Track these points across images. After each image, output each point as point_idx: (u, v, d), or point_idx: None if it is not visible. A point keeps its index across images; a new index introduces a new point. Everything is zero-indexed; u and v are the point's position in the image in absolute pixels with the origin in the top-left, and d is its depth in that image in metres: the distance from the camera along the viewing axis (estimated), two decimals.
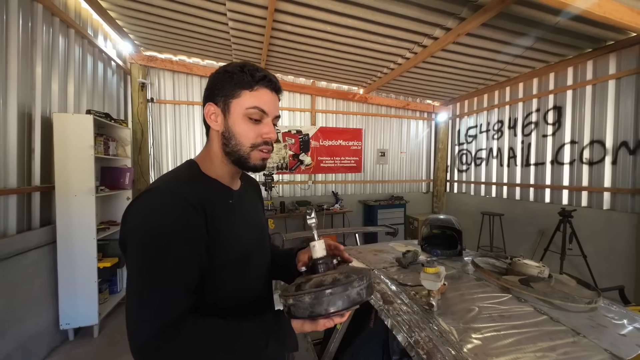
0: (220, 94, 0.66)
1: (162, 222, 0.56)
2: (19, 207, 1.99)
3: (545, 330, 0.81)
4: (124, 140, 3.03)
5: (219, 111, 0.67)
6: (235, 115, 0.65)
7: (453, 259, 1.48)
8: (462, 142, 5.35)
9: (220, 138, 0.68)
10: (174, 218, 0.57)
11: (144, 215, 0.57)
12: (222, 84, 0.66)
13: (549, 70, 3.69)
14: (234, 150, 0.67)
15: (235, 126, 0.66)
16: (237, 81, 0.65)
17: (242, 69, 0.65)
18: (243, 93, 0.65)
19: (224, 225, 0.65)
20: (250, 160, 0.67)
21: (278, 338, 0.59)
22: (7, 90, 1.93)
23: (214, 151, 0.69)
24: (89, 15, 2.90)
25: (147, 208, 0.58)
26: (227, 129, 0.66)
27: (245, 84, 0.65)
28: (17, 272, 1.91)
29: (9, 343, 1.84)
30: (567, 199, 3.60)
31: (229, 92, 0.65)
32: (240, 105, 0.65)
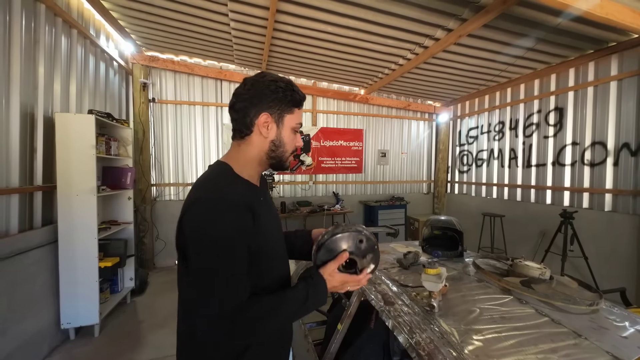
0: (275, 106, 0.75)
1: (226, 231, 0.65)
2: (21, 206, 2.00)
3: (546, 332, 0.81)
4: (126, 140, 3.03)
5: (272, 121, 0.75)
6: (286, 128, 0.77)
7: (454, 260, 1.48)
8: (463, 143, 5.34)
9: (268, 144, 0.77)
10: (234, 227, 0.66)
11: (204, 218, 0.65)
12: (277, 98, 0.74)
13: (550, 72, 3.68)
14: (279, 155, 0.78)
15: (285, 136, 0.78)
16: (292, 99, 0.76)
17: (293, 89, 0.76)
18: (295, 111, 0.78)
19: (262, 220, 0.74)
20: (287, 163, 0.81)
21: (314, 289, 0.74)
22: (9, 90, 1.93)
23: (251, 154, 0.77)
24: (91, 16, 2.91)
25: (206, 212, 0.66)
26: (278, 138, 0.77)
27: (298, 103, 0.78)
28: (18, 272, 1.92)
29: (10, 342, 1.84)
30: (568, 201, 3.59)
31: (285, 108, 0.76)
32: (292, 120, 0.78)
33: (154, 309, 2.90)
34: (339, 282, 0.77)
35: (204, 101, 4.29)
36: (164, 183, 4.19)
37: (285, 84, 0.75)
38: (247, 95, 0.74)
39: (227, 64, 4.29)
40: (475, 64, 3.60)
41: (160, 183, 4.17)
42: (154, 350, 2.25)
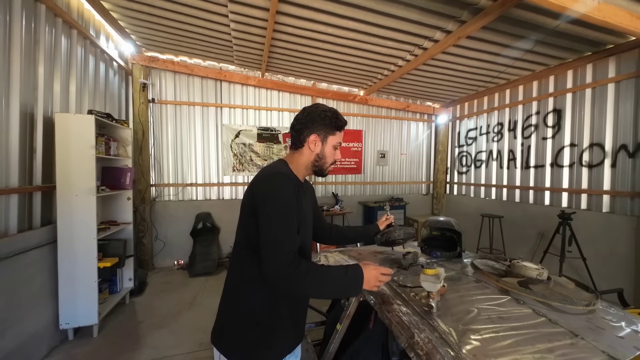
0: (322, 129, 1.02)
1: (288, 195, 0.89)
2: (20, 206, 2.00)
3: (543, 332, 0.82)
4: (125, 141, 3.03)
5: (319, 140, 1.02)
6: (329, 146, 1.04)
7: (452, 260, 1.48)
8: (462, 144, 5.36)
9: (314, 157, 1.03)
10: (292, 194, 0.90)
11: (276, 189, 0.89)
12: (324, 124, 1.01)
13: (548, 73, 3.71)
14: (321, 165, 1.05)
15: (327, 152, 1.04)
16: (335, 124, 1.02)
17: (337, 117, 1.02)
18: (336, 133, 1.04)
19: (302, 205, 0.98)
20: (326, 171, 1.07)
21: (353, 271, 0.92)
22: (9, 90, 1.94)
23: (301, 161, 1.04)
24: (91, 16, 2.92)
25: (276, 185, 0.90)
26: (322, 152, 1.04)
27: (339, 127, 1.04)
28: (17, 272, 1.92)
29: (9, 342, 1.84)
30: (566, 202, 3.60)
31: (329, 131, 1.03)
32: (333, 140, 1.04)
33: (152, 310, 2.90)
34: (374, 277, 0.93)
35: (204, 102, 4.29)
36: (163, 183, 4.19)
37: (332, 113, 1.02)
38: (304, 120, 1.01)
39: (227, 65, 4.30)
40: (474, 66, 3.62)
41: (160, 183, 4.16)
42: (153, 350, 2.25)
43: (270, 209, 0.87)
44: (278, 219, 0.86)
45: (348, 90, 5.00)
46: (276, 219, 0.86)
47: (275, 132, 4.66)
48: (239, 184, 4.57)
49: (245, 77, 4.35)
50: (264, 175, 0.94)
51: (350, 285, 0.91)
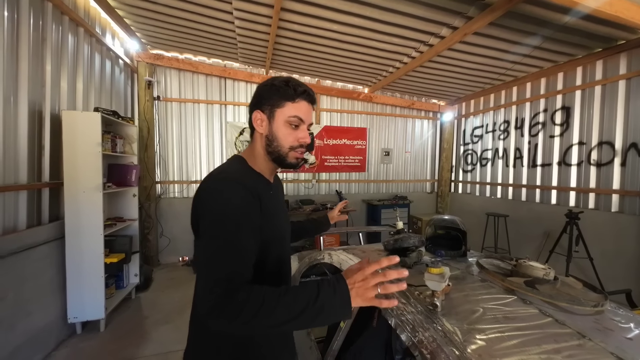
0: (267, 103, 0.79)
1: (235, 206, 0.69)
2: (29, 202, 2.03)
3: (550, 333, 0.81)
4: (131, 138, 3.06)
5: (265, 118, 0.80)
6: (278, 122, 0.79)
7: (457, 259, 1.47)
8: (467, 142, 5.31)
9: (264, 140, 0.81)
10: (243, 205, 0.70)
11: (220, 198, 0.69)
12: (269, 95, 0.79)
13: (557, 70, 3.64)
14: (275, 150, 0.80)
15: (277, 131, 0.79)
16: (283, 94, 0.78)
17: (287, 84, 0.78)
18: (286, 104, 0.78)
19: (269, 211, 0.78)
20: (287, 159, 0.81)
21: (330, 288, 0.62)
22: (18, 88, 1.96)
23: (258, 150, 0.83)
24: (97, 14, 2.94)
25: (219, 193, 0.70)
26: (271, 133, 0.79)
27: (289, 97, 0.78)
28: (26, 267, 1.95)
29: (19, 336, 1.88)
30: (574, 201, 3.55)
31: (275, 103, 0.78)
32: (283, 113, 0.78)
33: (158, 305, 2.94)
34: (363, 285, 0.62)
35: (208, 99, 4.31)
36: (169, 180, 4.22)
37: (278, 80, 0.79)
38: (252, 99, 0.83)
39: (231, 62, 4.30)
40: (480, 62, 3.57)
41: (165, 180, 4.20)
42: (158, 345, 2.28)
43: (207, 225, 0.68)
44: (216, 238, 0.66)
45: (352, 88, 4.97)
46: (214, 237, 0.66)
47: None
48: None
49: (250, 74, 4.35)
50: (206, 180, 0.74)
51: (329, 309, 0.61)
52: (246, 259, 0.68)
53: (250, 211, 0.72)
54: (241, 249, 0.68)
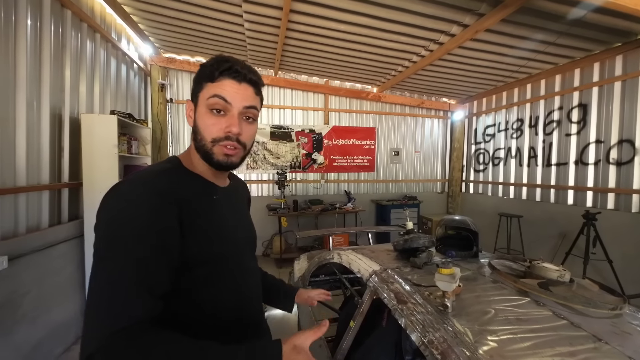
0: (194, 91, 0.66)
1: (125, 213, 0.51)
2: (50, 202, 2.12)
3: (564, 335, 0.79)
4: (145, 139, 3.15)
5: (193, 107, 0.66)
6: (200, 109, 0.63)
7: (468, 260, 1.45)
8: (479, 141, 5.21)
9: (192, 134, 0.66)
10: (138, 208, 0.52)
11: (108, 207, 0.53)
12: (196, 79, 0.65)
13: (573, 66, 3.53)
14: (199, 144, 0.64)
15: (199, 120, 0.64)
16: (203, 74, 0.63)
17: (213, 63, 0.63)
18: (206, 85, 0.63)
19: (203, 221, 0.61)
20: (214, 155, 0.64)
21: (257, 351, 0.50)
22: (40, 93, 2.05)
23: (192, 148, 0.68)
24: (113, 20, 3.04)
25: (112, 199, 0.53)
26: (195, 124, 0.65)
27: (208, 76, 0.62)
28: (48, 263, 2.04)
29: (41, 330, 1.97)
30: (591, 201, 3.44)
31: (197, 87, 0.65)
32: (203, 97, 0.63)
33: None
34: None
35: None
36: None
37: (208, 61, 0.65)
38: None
39: None
40: (492, 60, 3.50)
41: None
42: None
43: (95, 242, 0.51)
44: (104, 262, 0.49)
45: (361, 88, 4.96)
46: (102, 261, 0.50)
47: (288, 131, 4.69)
48: (252, 181, 4.65)
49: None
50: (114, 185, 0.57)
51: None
52: (142, 287, 0.49)
53: (159, 221, 0.53)
54: (140, 283, 0.49)
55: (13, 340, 1.75)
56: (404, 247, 1.41)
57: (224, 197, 0.71)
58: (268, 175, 4.72)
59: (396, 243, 1.48)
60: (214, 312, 0.63)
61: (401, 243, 1.43)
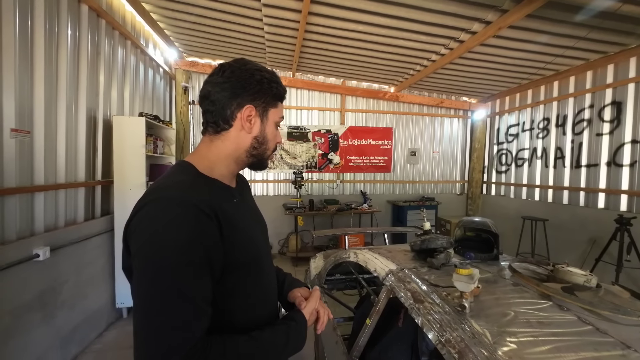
0: (260, 99, 0.67)
1: (175, 237, 0.51)
2: (86, 198, 2.29)
3: (589, 341, 0.77)
4: (170, 140, 3.31)
5: (257, 115, 0.67)
6: (270, 122, 0.70)
7: (488, 263, 1.43)
8: (501, 141, 5.02)
9: (250, 141, 0.68)
10: (189, 231, 0.52)
11: (154, 228, 0.51)
12: (262, 90, 0.66)
13: (606, 62, 3.33)
14: (261, 152, 0.71)
15: (269, 132, 0.71)
16: (277, 92, 0.70)
17: (277, 82, 0.70)
18: (279, 104, 0.72)
19: (237, 227, 0.62)
20: (267, 161, 0.75)
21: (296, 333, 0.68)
22: (78, 97, 2.22)
23: (227, 151, 0.67)
24: (141, 27, 3.22)
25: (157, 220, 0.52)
26: (262, 134, 0.69)
27: (281, 97, 0.72)
28: (84, 255, 2.21)
29: (78, 315, 2.13)
30: (625, 205, 3.23)
31: (271, 101, 0.69)
32: (276, 114, 0.71)
33: None
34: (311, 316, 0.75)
35: None
36: None
37: (270, 74, 0.68)
38: (227, 84, 0.64)
39: None
40: (516, 57, 3.37)
41: None
42: None
43: (140, 268, 0.51)
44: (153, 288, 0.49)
45: (378, 88, 4.93)
46: (152, 287, 0.50)
47: (304, 131, 4.75)
48: (269, 180, 4.75)
49: None
50: (145, 202, 0.55)
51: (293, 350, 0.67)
52: (201, 313, 0.52)
53: (203, 239, 0.53)
54: (193, 302, 0.51)
55: (55, 323, 1.91)
56: (422, 248, 1.41)
57: (240, 197, 0.73)
58: (285, 174, 4.80)
59: (413, 243, 1.48)
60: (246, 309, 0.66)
61: (418, 243, 1.42)
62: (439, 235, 1.40)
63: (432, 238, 1.38)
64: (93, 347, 2.22)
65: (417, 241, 1.45)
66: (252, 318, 0.66)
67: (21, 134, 1.72)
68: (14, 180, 1.67)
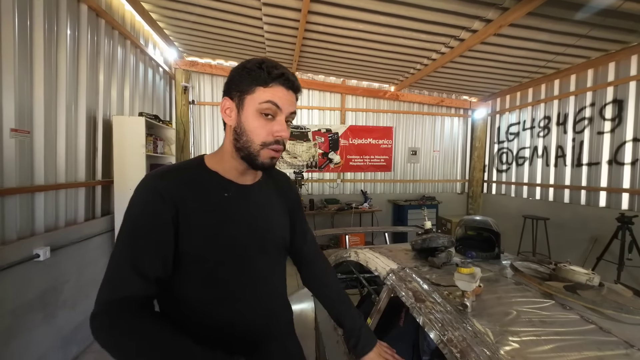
0: (236, 89, 0.66)
1: (133, 208, 0.62)
2: (86, 198, 2.29)
3: (592, 340, 0.77)
4: (170, 140, 3.31)
5: (234, 106, 0.67)
6: (248, 111, 0.65)
7: (489, 262, 1.42)
8: (502, 140, 5.01)
9: (232, 133, 0.68)
10: (140, 206, 0.62)
11: (131, 199, 0.64)
12: (239, 79, 0.66)
13: (607, 60, 3.31)
14: (244, 146, 0.66)
15: (247, 122, 0.65)
16: (254, 77, 0.64)
17: (260, 66, 0.64)
18: (257, 89, 0.64)
19: (203, 219, 0.65)
20: (259, 158, 0.67)
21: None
22: (77, 97, 2.21)
23: (225, 145, 0.70)
24: (141, 27, 3.21)
25: (133, 194, 0.64)
26: (240, 125, 0.66)
27: (261, 81, 0.64)
28: (85, 255, 2.21)
29: (79, 315, 2.13)
30: (627, 204, 3.22)
31: (245, 88, 0.65)
32: (253, 101, 0.64)
33: None
34: None
35: None
36: None
37: (253, 63, 0.65)
38: (224, 84, 0.70)
39: None
40: (517, 55, 3.36)
41: None
42: None
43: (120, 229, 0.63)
44: (115, 246, 0.61)
45: (378, 87, 4.92)
46: (115, 245, 0.61)
47: (305, 130, 4.74)
48: None
49: None
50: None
51: None
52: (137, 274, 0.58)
53: (152, 217, 0.60)
54: (135, 265, 0.58)
55: (56, 323, 1.91)
56: (423, 247, 1.40)
57: (242, 193, 0.72)
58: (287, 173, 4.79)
59: (414, 242, 1.47)
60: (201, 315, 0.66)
61: (419, 242, 1.42)
62: (440, 234, 1.40)
63: (433, 237, 1.37)
64: (94, 347, 2.22)
65: (418, 240, 1.44)
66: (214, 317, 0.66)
67: (21, 134, 1.71)
68: (14, 181, 1.67)
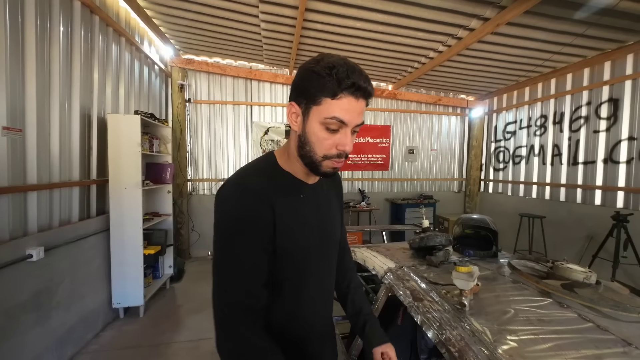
0: (303, 95, 0.61)
1: (236, 216, 0.62)
2: (80, 198, 2.26)
3: (590, 338, 0.77)
4: (166, 138, 3.27)
5: (300, 112, 0.63)
6: (313, 121, 0.61)
7: (487, 260, 1.42)
8: (499, 138, 5.03)
9: (297, 139, 0.66)
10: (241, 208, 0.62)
11: (223, 204, 0.64)
12: (307, 85, 0.60)
13: (603, 59, 3.33)
14: (306, 154, 0.65)
15: (311, 134, 0.62)
16: (322, 85, 0.58)
17: (330, 72, 0.57)
18: (324, 101, 0.59)
19: (292, 219, 0.68)
20: (321, 168, 0.66)
21: None
22: (71, 95, 2.18)
23: (291, 148, 0.69)
24: (136, 24, 3.17)
25: (225, 200, 0.64)
26: (304, 134, 0.63)
27: (329, 91, 0.58)
28: (79, 255, 2.18)
29: (73, 316, 2.10)
30: (622, 202, 3.24)
31: (311, 97, 0.60)
32: (319, 113, 0.60)
33: (190, 295, 3.13)
34: None
35: (235, 100, 4.48)
36: (199, 178, 4.46)
37: (323, 66, 0.58)
38: (292, 84, 0.66)
39: (257, 64, 4.43)
40: (514, 54, 3.37)
41: (195, 178, 4.44)
42: (191, 332, 2.44)
43: (215, 235, 0.63)
44: (221, 252, 0.62)
45: (376, 85, 4.91)
46: (219, 251, 0.62)
47: None
48: None
49: (274, 75, 4.46)
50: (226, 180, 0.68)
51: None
52: (254, 280, 0.62)
53: (253, 216, 0.62)
54: (248, 268, 0.62)
55: (51, 324, 1.88)
56: (420, 245, 1.40)
57: (311, 194, 0.75)
58: None
59: (412, 241, 1.47)
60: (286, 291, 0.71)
61: (417, 241, 1.42)
62: (438, 233, 1.40)
63: (431, 236, 1.37)
64: (89, 348, 2.20)
65: (416, 239, 1.44)
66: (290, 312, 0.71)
67: (13, 133, 1.68)
68: (6, 180, 1.64)
